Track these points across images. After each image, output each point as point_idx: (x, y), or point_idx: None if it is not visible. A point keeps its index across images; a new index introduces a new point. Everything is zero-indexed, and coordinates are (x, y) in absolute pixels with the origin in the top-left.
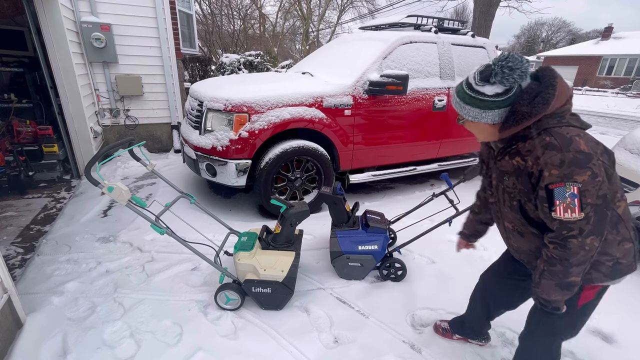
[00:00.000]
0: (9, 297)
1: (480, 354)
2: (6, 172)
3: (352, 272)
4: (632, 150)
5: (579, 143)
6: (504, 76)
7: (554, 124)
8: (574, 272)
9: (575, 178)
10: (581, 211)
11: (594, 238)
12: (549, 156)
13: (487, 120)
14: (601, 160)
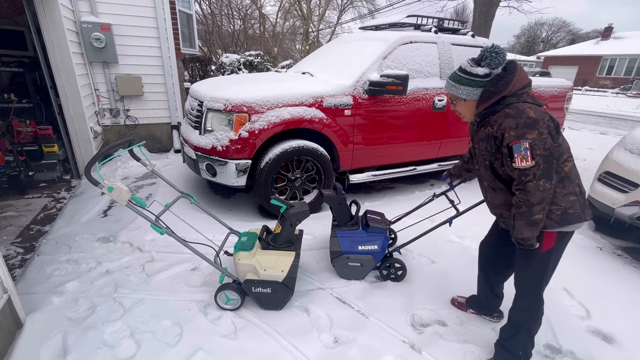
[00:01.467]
0: (9, 297)
1: (481, 354)
2: (6, 172)
3: (352, 272)
4: (632, 150)
5: (529, 112)
6: (492, 59)
7: (514, 101)
8: (536, 210)
9: (527, 136)
10: (532, 159)
11: (545, 180)
12: (508, 122)
13: (476, 97)
14: (546, 124)
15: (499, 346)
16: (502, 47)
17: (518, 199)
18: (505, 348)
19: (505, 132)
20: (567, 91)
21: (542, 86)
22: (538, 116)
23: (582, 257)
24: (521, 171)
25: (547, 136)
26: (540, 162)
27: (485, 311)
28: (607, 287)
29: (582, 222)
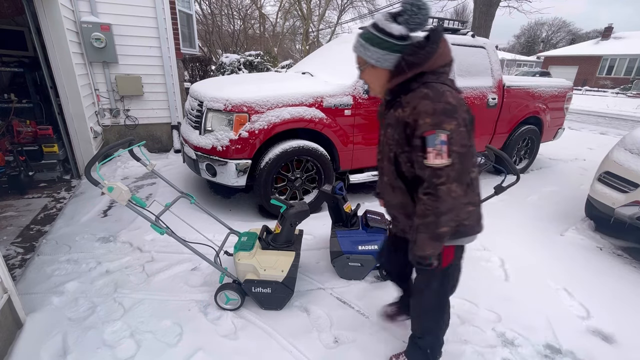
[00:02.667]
0: (9, 297)
1: (481, 353)
2: (6, 172)
3: (352, 272)
4: (632, 150)
5: (449, 96)
6: (411, 15)
7: (433, 79)
8: (444, 221)
9: (444, 126)
10: (449, 157)
11: (458, 185)
12: (424, 105)
13: (387, 65)
14: (464, 116)
15: (411, 341)
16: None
17: (425, 206)
18: (417, 344)
19: (420, 117)
20: (567, 91)
21: (542, 86)
22: (458, 104)
23: (582, 257)
24: (433, 170)
25: (465, 130)
26: (456, 162)
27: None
28: (607, 287)
29: (475, 234)
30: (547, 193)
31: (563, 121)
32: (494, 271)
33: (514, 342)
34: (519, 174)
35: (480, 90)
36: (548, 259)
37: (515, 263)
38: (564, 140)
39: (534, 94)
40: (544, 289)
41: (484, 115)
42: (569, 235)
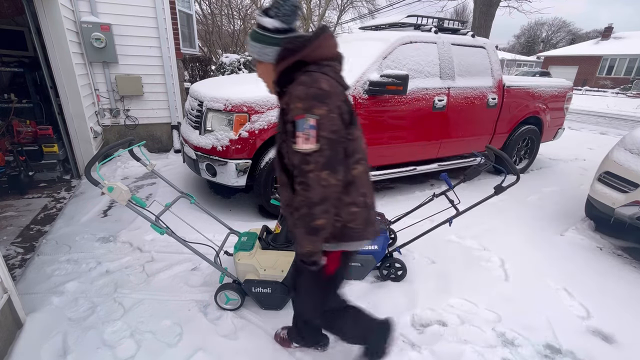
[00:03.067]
0: (9, 297)
1: (481, 353)
2: (6, 172)
3: (352, 272)
4: (632, 150)
5: (322, 82)
6: (279, 7)
7: (315, 69)
8: (317, 212)
9: (314, 111)
10: (317, 142)
11: (329, 173)
12: (297, 90)
13: (269, 58)
14: (339, 104)
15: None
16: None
17: (299, 198)
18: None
19: (292, 102)
20: (567, 91)
21: (542, 86)
22: (333, 91)
23: (582, 257)
24: (303, 156)
25: (339, 118)
26: (325, 147)
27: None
28: (607, 287)
29: (363, 240)
30: (547, 193)
31: (563, 121)
32: (494, 271)
33: (514, 342)
34: (519, 174)
35: (480, 90)
36: (548, 259)
37: (515, 263)
38: (564, 140)
39: (534, 94)
40: (544, 289)
41: (484, 115)
42: (569, 235)
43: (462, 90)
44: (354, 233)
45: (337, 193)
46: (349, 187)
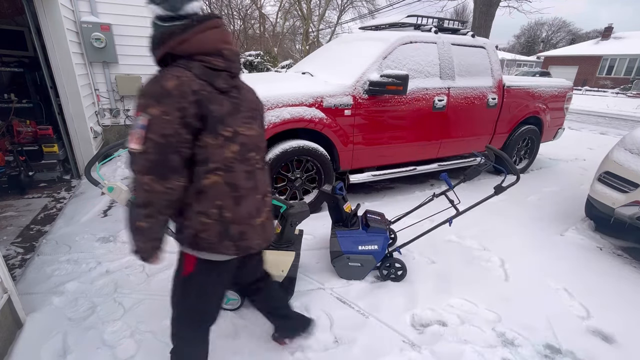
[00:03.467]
0: (9, 297)
1: (481, 353)
2: (6, 172)
3: (352, 272)
4: (632, 150)
5: (169, 81)
6: None
7: (182, 63)
8: (139, 214)
9: (149, 110)
10: (143, 144)
11: (153, 179)
12: (144, 85)
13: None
14: (180, 106)
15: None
16: None
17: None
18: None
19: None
20: (567, 91)
21: (542, 86)
22: (177, 91)
23: (582, 257)
24: (131, 155)
25: (178, 122)
26: (150, 151)
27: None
28: (607, 287)
29: (218, 253)
30: (547, 193)
31: (563, 121)
32: (494, 271)
33: (514, 342)
34: (519, 174)
35: (480, 90)
36: (548, 259)
37: (515, 263)
38: (564, 140)
39: (534, 94)
40: (544, 289)
41: (484, 115)
42: (569, 235)
43: (462, 90)
44: (206, 244)
45: (171, 200)
46: (200, 196)
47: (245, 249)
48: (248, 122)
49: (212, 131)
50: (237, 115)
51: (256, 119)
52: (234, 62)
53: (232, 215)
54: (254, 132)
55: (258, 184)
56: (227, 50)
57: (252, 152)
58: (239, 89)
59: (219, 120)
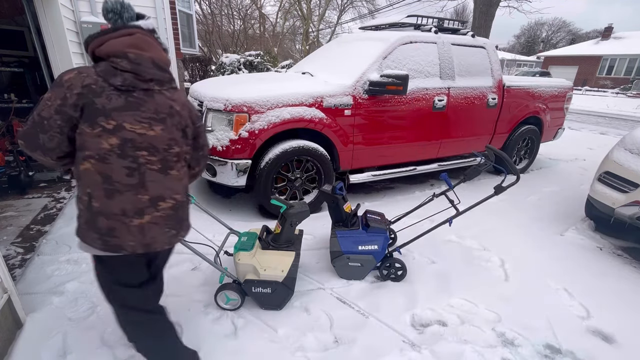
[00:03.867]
0: (9, 297)
1: (481, 353)
2: (6, 172)
3: (352, 272)
4: (632, 150)
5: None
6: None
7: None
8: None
9: (45, 93)
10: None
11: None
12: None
13: None
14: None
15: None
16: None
17: None
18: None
19: None
20: (567, 91)
21: (542, 86)
22: (68, 83)
23: (582, 257)
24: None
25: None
26: (29, 123)
27: None
28: (607, 287)
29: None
30: (547, 193)
31: (563, 121)
32: (494, 271)
33: (514, 342)
34: (519, 174)
35: (480, 90)
36: (548, 259)
37: (515, 263)
38: (564, 140)
39: (534, 94)
40: (544, 289)
41: (484, 115)
42: (569, 235)
43: (462, 90)
44: (79, 232)
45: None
46: (78, 182)
47: (115, 247)
48: (147, 122)
49: (89, 121)
50: (130, 112)
51: (164, 122)
52: (140, 65)
53: (100, 207)
54: (151, 133)
55: (147, 185)
56: (132, 54)
57: (142, 150)
58: (148, 90)
59: (102, 112)
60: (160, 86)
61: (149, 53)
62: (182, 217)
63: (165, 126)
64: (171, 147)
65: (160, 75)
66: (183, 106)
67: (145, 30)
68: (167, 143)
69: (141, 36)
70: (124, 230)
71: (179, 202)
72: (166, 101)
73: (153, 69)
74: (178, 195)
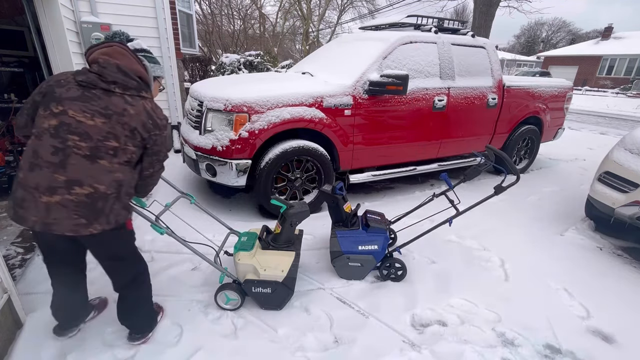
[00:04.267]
0: (9, 297)
1: (481, 353)
2: (6, 172)
3: (352, 272)
4: (632, 150)
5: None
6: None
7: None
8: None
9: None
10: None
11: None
12: None
13: None
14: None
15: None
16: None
17: None
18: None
19: None
20: (567, 91)
21: (542, 86)
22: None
23: (582, 257)
24: None
25: (33, 94)
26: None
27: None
28: (607, 287)
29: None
30: (547, 193)
31: (563, 121)
32: (494, 271)
33: (514, 342)
34: (519, 174)
35: (481, 90)
36: (548, 259)
37: (515, 263)
38: (564, 140)
39: (534, 94)
40: (544, 289)
41: (484, 115)
42: (569, 235)
43: (462, 90)
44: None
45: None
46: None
47: (20, 219)
48: (90, 113)
49: (45, 105)
50: (79, 103)
51: (109, 118)
52: (105, 68)
53: (21, 178)
54: (90, 122)
55: (67, 167)
56: (102, 59)
57: (74, 135)
58: (108, 91)
59: (57, 99)
60: (123, 90)
61: (116, 60)
62: (100, 209)
63: (109, 121)
64: (107, 140)
65: (123, 79)
66: (140, 113)
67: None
68: (103, 135)
69: (117, 48)
70: (32, 204)
71: (99, 193)
72: (122, 103)
73: (117, 74)
74: (101, 186)
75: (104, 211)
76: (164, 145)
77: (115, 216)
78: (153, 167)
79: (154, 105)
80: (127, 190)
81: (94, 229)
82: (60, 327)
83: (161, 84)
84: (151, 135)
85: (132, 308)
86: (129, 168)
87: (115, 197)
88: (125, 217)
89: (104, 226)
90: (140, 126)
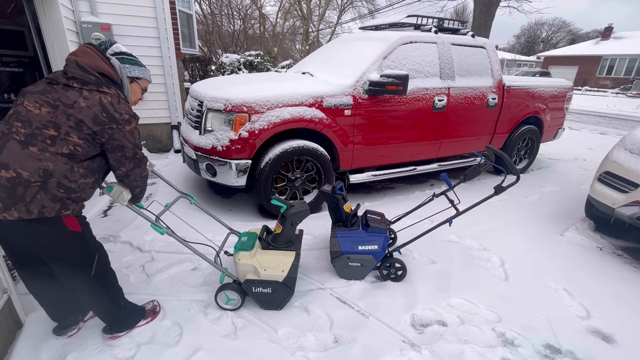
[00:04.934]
0: (9, 297)
1: (481, 353)
2: None
3: (352, 272)
4: (632, 150)
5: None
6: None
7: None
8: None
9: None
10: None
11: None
12: None
13: None
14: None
15: None
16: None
17: None
18: None
19: None
20: (567, 91)
21: (542, 86)
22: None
23: (582, 257)
24: None
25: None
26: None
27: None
28: (607, 287)
29: None
30: (547, 193)
31: (563, 121)
32: (494, 271)
33: (514, 342)
34: (519, 174)
35: (480, 90)
36: (548, 259)
37: (515, 263)
38: (564, 140)
39: (534, 94)
40: (544, 289)
41: (484, 115)
42: (569, 235)
43: (462, 90)
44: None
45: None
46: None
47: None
48: (40, 103)
49: (16, 100)
50: (36, 95)
51: (55, 108)
52: (67, 65)
53: None
54: (36, 111)
55: (3, 152)
56: (68, 57)
57: (19, 122)
58: (67, 85)
59: (23, 93)
60: (81, 85)
61: (77, 58)
62: (20, 196)
63: (54, 111)
64: (46, 128)
65: (81, 74)
66: (93, 106)
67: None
68: (44, 123)
69: (82, 47)
70: None
71: (22, 180)
72: (75, 96)
73: (76, 69)
74: (25, 173)
75: (24, 199)
76: (127, 140)
77: (37, 207)
78: (124, 166)
79: (116, 100)
80: (59, 183)
81: (9, 215)
82: (60, 326)
83: (142, 86)
84: (105, 128)
85: (93, 308)
86: (67, 160)
87: (40, 187)
88: (55, 211)
89: (22, 214)
90: (89, 119)
